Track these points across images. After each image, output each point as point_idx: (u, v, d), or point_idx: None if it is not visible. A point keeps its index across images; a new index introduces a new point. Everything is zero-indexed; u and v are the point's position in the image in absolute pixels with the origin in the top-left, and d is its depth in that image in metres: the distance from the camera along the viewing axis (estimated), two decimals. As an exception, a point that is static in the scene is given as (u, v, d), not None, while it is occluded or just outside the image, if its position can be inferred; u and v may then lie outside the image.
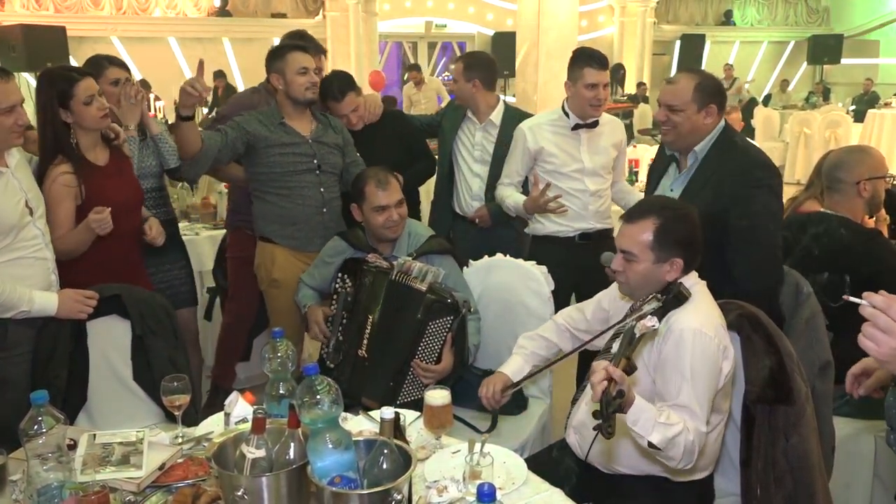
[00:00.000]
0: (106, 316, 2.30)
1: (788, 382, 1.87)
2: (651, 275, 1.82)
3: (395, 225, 2.49)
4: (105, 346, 2.31)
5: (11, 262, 2.17)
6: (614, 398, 1.42)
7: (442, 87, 10.22)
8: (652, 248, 1.79)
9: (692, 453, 1.64)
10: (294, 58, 2.76)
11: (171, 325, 2.37)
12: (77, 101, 2.41)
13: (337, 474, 1.38)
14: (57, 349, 2.20)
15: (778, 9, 14.50)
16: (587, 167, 3.00)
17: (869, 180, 2.50)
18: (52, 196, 2.38)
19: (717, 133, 2.34)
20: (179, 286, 3.02)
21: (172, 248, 2.98)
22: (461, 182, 3.45)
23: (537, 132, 3.01)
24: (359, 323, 2.41)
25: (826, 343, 2.20)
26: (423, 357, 2.35)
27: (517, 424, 2.43)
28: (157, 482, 1.66)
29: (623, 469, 1.88)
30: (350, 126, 3.14)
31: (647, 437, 1.57)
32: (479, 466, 1.58)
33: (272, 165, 2.79)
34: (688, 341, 1.71)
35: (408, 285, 2.36)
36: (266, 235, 2.91)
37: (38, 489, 1.48)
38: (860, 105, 11.16)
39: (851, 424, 2.45)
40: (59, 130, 2.43)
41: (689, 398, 1.68)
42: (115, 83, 2.79)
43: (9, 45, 7.56)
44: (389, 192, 2.47)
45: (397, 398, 2.34)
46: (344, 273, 2.45)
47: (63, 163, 2.41)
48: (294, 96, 2.78)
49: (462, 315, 2.37)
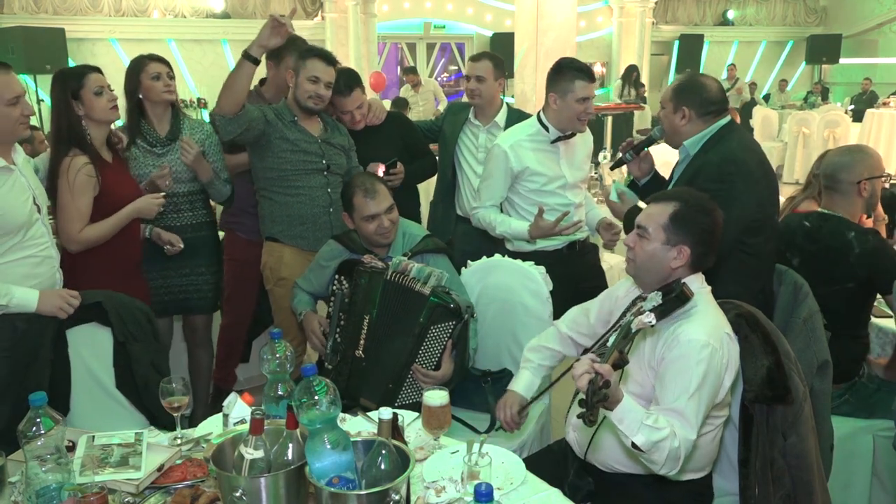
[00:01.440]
0: (86, 324, 2.25)
1: (786, 382, 1.87)
2: (657, 256, 1.81)
3: (386, 231, 2.49)
4: (86, 355, 2.25)
5: (20, 260, 2.18)
6: (600, 388, 1.44)
7: (439, 89, 10.21)
8: (665, 229, 1.80)
9: (676, 460, 1.62)
10: (313, 64, 2.81)
11: (153, 330, 2.34)
12: (87, 91, 2.49)
13: (335, 475, 1.39)
14: (37, 359, 2.13)
15: (776, 9, 14.50)
16: (569, 182, 2.93)
17: (868, 180, 2.50)
18: (75, 187, 2.41)
19: (708, 134, 2.37)
20: (206, 291, 3.03)
21: (208, 251, 3.01)
22: (464, 184, 3.44)
23: (519, 151, 2.86)
24: (355, 324, 2.41)
25: (824, 342, 2.21)
26: (423, 361, 2.35)
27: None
28: (156, 483, 1.65)
29: (622, 468, 1.88)
30: (353, 124, 3.14)
31: (631, 437, 1.58)
32: (478, 467, 1.58)
33: (281, 163, 2.82)
34: (693, 354, 1.70)
35: (409, 287, 2.34)
36: (273, 236, 2.93)
37: (37, 490, 1.48)
38: (859, 105, 11.16)
39: (850, 424, 2.46)
40: (74, 122, 2.49)
41: (684, 406, 1.67)
42: (156, 77, 2.82)
43: (8, 47, 7.58)
44: (378, 200, 2.46)
45: (396, 400, 2.34)
46: (340, 275, 2.45)
47: (81, 155, 2.46)
48: (297, 98, 2.84)
49: (465, 320, 2.36)
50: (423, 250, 2.53)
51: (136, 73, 2.81)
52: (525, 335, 2.55)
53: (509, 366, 2.56)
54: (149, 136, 2.84)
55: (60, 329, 2.19)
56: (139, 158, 2.82)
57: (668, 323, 1.75)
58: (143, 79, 2.80)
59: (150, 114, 2.85)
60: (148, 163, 2.82)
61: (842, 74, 14.11)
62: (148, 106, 2.84)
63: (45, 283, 2.23)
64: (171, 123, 2.89)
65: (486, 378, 2.50)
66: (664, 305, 1.68)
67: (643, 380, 1.82)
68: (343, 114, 3.13)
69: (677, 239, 1.80)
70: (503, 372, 2.53)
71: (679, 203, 1.82)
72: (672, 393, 1.69)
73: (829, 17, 14.56)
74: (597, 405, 1.44)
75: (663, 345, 1.76)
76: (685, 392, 1.67)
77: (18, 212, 2.14)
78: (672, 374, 1.71)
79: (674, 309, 1.70)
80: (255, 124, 2.73)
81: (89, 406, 2.24)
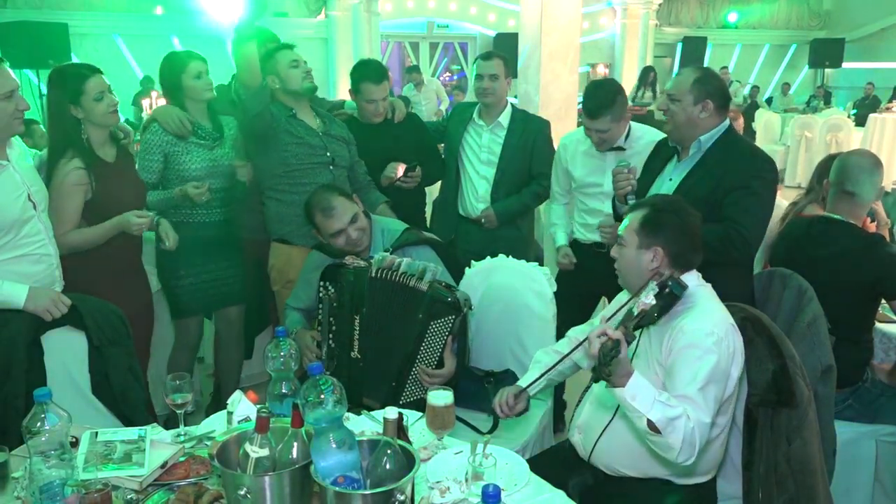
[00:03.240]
0: (60, 328, 2.18)
1: (791, 386, 1.87)
2: (635, 261, 1.88)
3: (356, 241, 2.48)
4: (63, 360, 2.18)
5: (15, 259, 2.13)
6: (611, 349, 1.55)
7: (441, 89, 10.20)
8: (637, 233, 1.88)
9: (693, 445, 1.63)
10: (283, 55, 2.88)
11: (127, 333, 2.29)
12: (87, 98, 2.42)
13: (340, 474, 1.38)
14: (12, 368, 2.04)
15: (780, 12, 14.49)
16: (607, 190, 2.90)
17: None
18: (62, 191, 2.36)
19: (722, 129, 2.36)
20: (234, 283, 3.04)
21: (232, 246, 3.02)
22: (467, 184, 3.44)
23: (570, 149, 3.06)
24: (347, 325, 2.38)
25: (828, 347, 2.20)
26: (424, 357, 2.33)
27: (518, 426, 2.42)
28: (159, 480, 1.65)
29: (626, 471, 1.88)
30: (374, 115, 3.15)
31: (646, 413, 1.59)
32: (482, 468, 1.58)
33: (287, 157, 2.83)
34: (700, 343, 1.72)
35: (402, 283, 2.32)
36: (283, 237, 2.93)
37: (41, 486, 1.47)
38: (861, 109, 11.15)
39: (853, 428, 2.46)
40: (70, 126, 2.43)
41: (694, 393, 1.68)
42: (198, 76, 2.82)
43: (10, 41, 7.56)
44: (337, 215, 2.45)
45: (400, 398, 2.33)
46: (325, 281, 2.42)
47: (74, 158, 2.40)
48: (293, 89, 2.87)
49: (464, 313, 2.34)
50: (403, 244, 2.51)
51: (178, 73, 2.80)
52: (528, 336, 2.56)
53: (512, 367, 2.55)
54: (200, 130, 2.85)
55: (36, 334, 2.12)
56: (192, 152, 2.82)
57: (672, 318, 1.79)
58: (185, 79, 2.80)
59: (192, 111, 2.85)
60: (202, 156, 2.83)
61: (845, 78, 14.10)
62: (188, 104, 2.84)
63: (43, 282, 2.19)
64: (211, 119, 2.91)
65: (488, 379, 2.50)
66: (660, 293, 1.76)
67: (651, 379, 1.83)
68: (369, 103, 3.13)
69: (650, 241, 1.86)
70: (506, 373, 2.52)
71: (648, 208, 1.91)
72: (682, 381, 1.71)
73: (833, 20, 14.56)
74: (609, 362, 1.56)
75: (669, 339, 1.79)
76: (694, 380, 1.69)
77: (10, 208, 2.10)
78: (680, 364, 1.74)
79: (672, 300, 1.76)
80: (269, 108, 2.78)
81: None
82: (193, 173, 2.80)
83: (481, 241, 3.29)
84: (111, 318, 2.25)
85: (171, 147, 2.79)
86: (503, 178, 3.30)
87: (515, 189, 3.33)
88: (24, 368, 2.06)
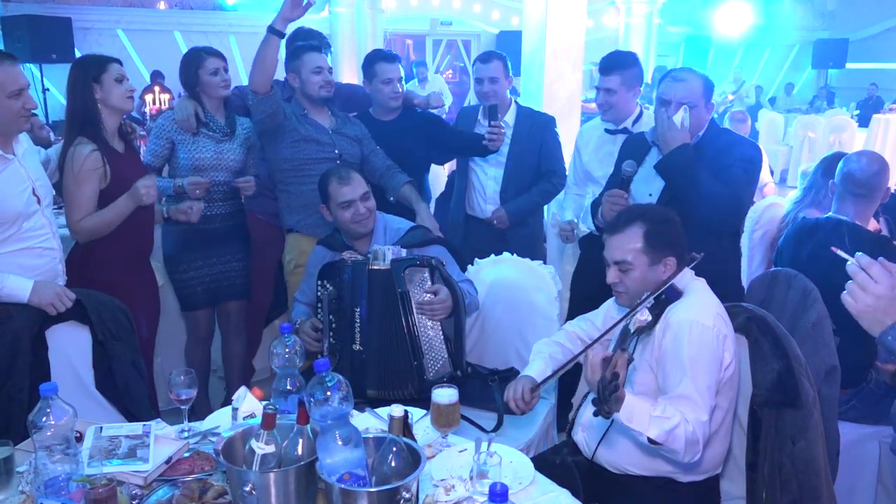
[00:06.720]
0: (64, 322, 2.18)
1: (796, 386, 1.87)
2: (648, 278, 1.87)
3: (363, 218, 2.49)
4: (67, 355, 2.19)
5: (18, 252, 2.15)
6: (610, 381, 1.53)
7: (445, 86, 10.18)
8: (645, 252, 1.86)
9: (696, 444, 1.65)
10: (310, 58, 2.92)
11: (131, 329, 2.29)
12: (108, 77, 2.47)
13: (346, 471, 1.38)
14: (16, 362, 2.05)
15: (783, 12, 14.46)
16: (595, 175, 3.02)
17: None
18: (79, 177, 2.38)
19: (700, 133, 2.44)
20: (236, 277, 3.07)
21: (237, 239, 3.06)
22: (475, 184, 3.42)
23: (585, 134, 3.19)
24: (347, 319, 2.38)
25: (833, 347, 2.20)
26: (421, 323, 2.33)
27: (522, 424, 2.42)
28: (164, 476, 1.65)
29: (630, 469, 1.88)
30: (392, 96, 3.15)
31: (644, 432, 1.61)
32: (487, 466, 1.58)
33: (295, 152, 2.89)
34: (685, 332, 1.75)
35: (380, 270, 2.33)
36: (293, 227, 2.97)
37: (45, 481, 1.47)
38: (864, 109, 11.12)
39: (856, 430, 2.45)
40: (90, 105, 2.45)
41: (688, 388, 1.70)
42: (214, 73, 2.86)
43: (14, 36, 7.56)
44: (352, 186, 2.48)
45: (425, 373, 2.31)
46: (322, 279, 2.42)
47: (89, 143, 2.42)
48: (309, 94, 2.93)
49: (435, 266, 2.34)
50: (410, 244, 2.50)
51: (195, 68, 2.86)
52: (532, 333, 2.55)
53: (516, 364, 2.54)
54: (212, 123, 2.91)
55: (41, 329, 2.12)
56: (199, 142, 2.88)
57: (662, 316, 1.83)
58: (202, 74, 2.86)
59: (207, 106, 2.91)
60: (208, 147, 2.89)
61: (848, 79, 14.07)
62: (204, 99, 2.90)
63: (45, 276, 2.20)
64: (226, 115, 2.96)
65: (492, 377, 2.49)
66: (657, 304, 1.79)
67: (648, 380, 1.84)
68: (385, 83, 3.12)
69: (660, 255, 1.86)
70: (510, 371, 2.52)
71: (644, 223, 1.88)
72: (674, 378, 1.74)
73: (837, 21, 14.52)
74: (610, 397, 1.52)
75: (660, 335, 1.81)
76: (683, 373, 1.71)
77: (13, 202, 2.12)
78: (669, 358, 1.76)
79: (667, 304, 1.80)
80: (281, 108, 2.83)
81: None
82: (197, 163, 2.87)
83: (491, 239, 3.28)
84: (115, 314, 2.26)
85: (179, 135, 2.87)
86: (512, 178, 3.29)
87: (525, 187, 3.32)
88: (28, 363, 2.07)
